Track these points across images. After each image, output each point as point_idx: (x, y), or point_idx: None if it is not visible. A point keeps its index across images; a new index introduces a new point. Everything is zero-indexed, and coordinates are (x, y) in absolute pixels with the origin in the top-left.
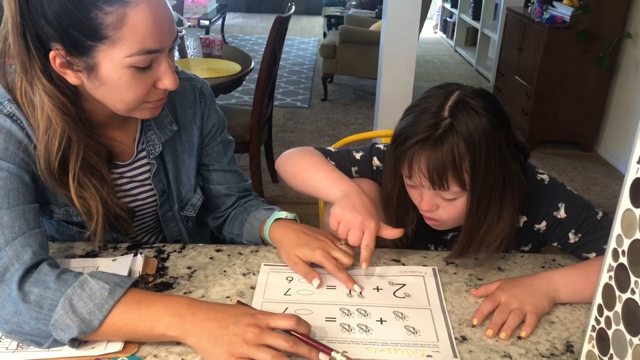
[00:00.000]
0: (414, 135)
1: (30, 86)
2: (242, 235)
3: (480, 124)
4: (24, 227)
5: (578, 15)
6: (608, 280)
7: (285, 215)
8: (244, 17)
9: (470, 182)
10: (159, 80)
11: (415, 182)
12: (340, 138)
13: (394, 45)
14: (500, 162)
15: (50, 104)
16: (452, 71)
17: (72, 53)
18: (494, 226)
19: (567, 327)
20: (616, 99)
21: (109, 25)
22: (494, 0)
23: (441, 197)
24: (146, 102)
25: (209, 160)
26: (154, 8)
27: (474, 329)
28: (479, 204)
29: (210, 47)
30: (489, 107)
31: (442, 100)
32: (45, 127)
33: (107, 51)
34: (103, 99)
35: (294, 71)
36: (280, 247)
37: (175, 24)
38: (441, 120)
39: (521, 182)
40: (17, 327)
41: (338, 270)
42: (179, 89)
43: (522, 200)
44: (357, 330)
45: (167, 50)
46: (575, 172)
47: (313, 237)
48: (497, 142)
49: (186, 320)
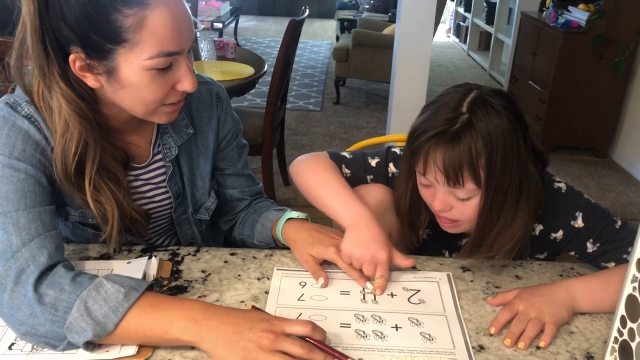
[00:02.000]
0: (430, 130)
1: (48, 90)
2: (253, 236)
3: (499, 122)
4: (40, 229)
5: (594, 20)
6: (632, 291)
7: (297, 215)
8: (257, 19)
9: (485, 179)
10: (178, 83)
11: (429, 179)
12: (352, 141)
13: (407, 49)
14: (517, 162)
15: (67, 107)
16: (465, 75)
17: (92, 56)
18: (507, 228)
19: (587, 337)
20: (632, 104)
21: (129, 28)
22: (508, 5)
23: (455, 197)
24: (164, 104)
25: (224, 165)
26: (173, 10)
27: (492, 338)
28: (493, 203)
29: (223, 49)
30: (508, 106)
31: (460, 97)
32: (63, 130)
33: (126, 54)
34: (122, 102)
35: (306, 74)
36: (293, 246)
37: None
38: (459, 115)
39: (538, 185)
40: (32, 329)
41: (350, 268)
42: (195, 93)
43: (538, 204)
44: (373, 337)
45: (185, 52)
46: (589, 178)
47: (326, 235)
48: (514, 141)
49: (201, 324)
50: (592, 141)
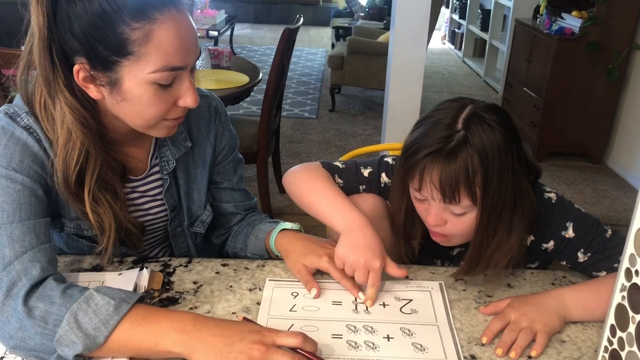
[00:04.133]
0: (426, 147)
1: (52, 99)
2: (247, 249)
3: (494, 138)
4: (34, 242)
5: (587, 27)
6: (621, 300)
7: (291, 226)
8: (253, 28)
9: (481, 196)
10: (180, 98)
11: (424, 195)
12: (347, 149)
13: (402, 56)
14: (512, 178)
15: (71, 116)
16: (460, 82)
17: (96, 67)
18: (503, 243)
19: (579, 346)
20: (626, 110)
21: (135, 41)
22: (503, 12)
23: (450, 212)
24: (165, 119)
25: (219, 178)
26: (180, 26)
27: (483, 347)
28: (489, 220)
29: (218, 58)
30: (503, 122)
31: (455, 113)
32: (65, 140)
33: (131, 67)
34: (123, 114)
35: (301, 82)
36: (286, 256)
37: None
38: (455, 133)
39: (531, 200)
40: (22, 342)
41: (343, 277)
42: None
43: (532, 219)
44: (364, 348)
45: (189, 68)
46: (584, 184)
47: (319, 245)
48: (510, 157)
49: (192, 336)
50: (586, 147)
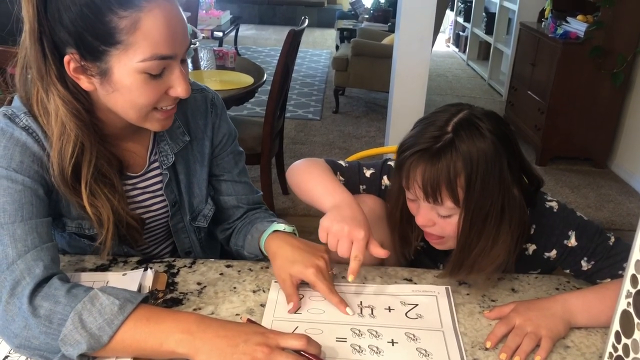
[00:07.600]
0: (415, 146)
1: (46, 93)
2: (244, 247)
3: (482, 145)
4: (37, 241)
5: (592, 31)
6: (626, 306)
7: (284, 228)
8: (257, 29)
9: (464, 199)
10: (171, 88)
11: (412, 194)
12: (351, 151)
13: (406, 58)
14: (499, 186)
15: (64, 109)
16: (464, 85)
17: (86, 58)
18: (488, 251)
19: (583, 352)
20: (630, 115)
21: (123, 30)
22: (507, 15)
23: (437, 213)
24: (156, 109)
25: (219, 171)
26: (168, 14)
27: (487, 352)
28: (472, 224)
29: (223, 59)
30: (496, 130)
31: (449, 116)
32: (59, 133)
33: (120, 56)
34: (115, 106)
35: (306, 83)
36: (273, 261)
37: (190, 37)
38: (443, 135)
39: (523, 211)
40: (26, 341)
41: (330, 293)
42: (190, 100)
43: (522, 230)
44: (368, 352)
45: (179, 58)
46: (588, 188)
47: (309, 253)
48: (497, 166)
49: (196, 337)
50: (590, 151)
